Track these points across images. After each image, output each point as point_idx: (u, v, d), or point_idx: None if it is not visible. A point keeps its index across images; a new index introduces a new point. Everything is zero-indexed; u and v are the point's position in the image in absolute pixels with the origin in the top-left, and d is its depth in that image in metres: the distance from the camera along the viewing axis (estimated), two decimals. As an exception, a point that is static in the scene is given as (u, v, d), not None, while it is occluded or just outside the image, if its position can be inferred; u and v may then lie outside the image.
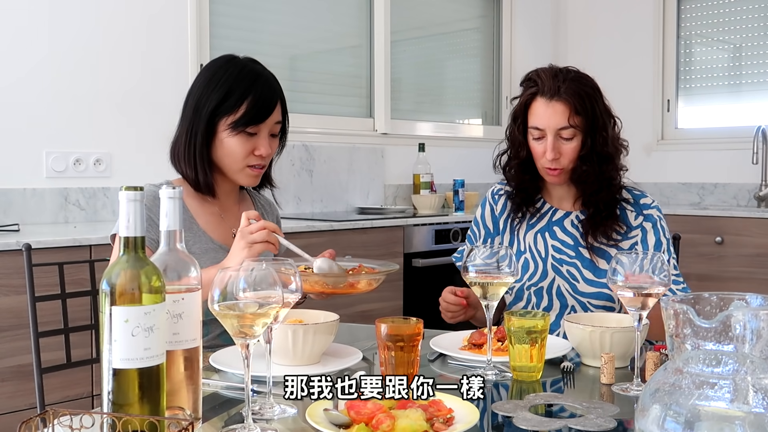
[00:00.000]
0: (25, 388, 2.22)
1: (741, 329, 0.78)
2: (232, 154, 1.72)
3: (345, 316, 1.63)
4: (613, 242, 1.87)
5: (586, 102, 1.83)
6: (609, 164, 1.87)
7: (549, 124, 1.83)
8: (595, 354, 1.48)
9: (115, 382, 0.97)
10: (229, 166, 1.74)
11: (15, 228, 2.53)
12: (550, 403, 1.22)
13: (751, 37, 4.33)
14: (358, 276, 1.56)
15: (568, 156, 1.85)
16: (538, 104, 1.85)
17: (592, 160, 1.85)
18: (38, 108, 2.82)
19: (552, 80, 1.83)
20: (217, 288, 1.06)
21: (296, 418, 1.16)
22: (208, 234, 1.76)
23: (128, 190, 1.00)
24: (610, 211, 1.88)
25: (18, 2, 2.77)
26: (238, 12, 3.47)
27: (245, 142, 1.71)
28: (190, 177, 1.75)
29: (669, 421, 0.79)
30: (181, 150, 1.74)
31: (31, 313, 1.78)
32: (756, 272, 3.54)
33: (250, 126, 1.70)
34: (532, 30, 4.80)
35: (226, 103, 1.70)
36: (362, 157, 3.91)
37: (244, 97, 1.69)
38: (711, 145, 4.38)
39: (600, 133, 1.85)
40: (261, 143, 1.72)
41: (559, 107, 1.82)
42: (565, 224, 1.93)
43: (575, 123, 1.82)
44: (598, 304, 1.86)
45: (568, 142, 1.84)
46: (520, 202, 1.96)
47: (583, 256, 1.89)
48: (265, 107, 1.71)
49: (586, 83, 1.86)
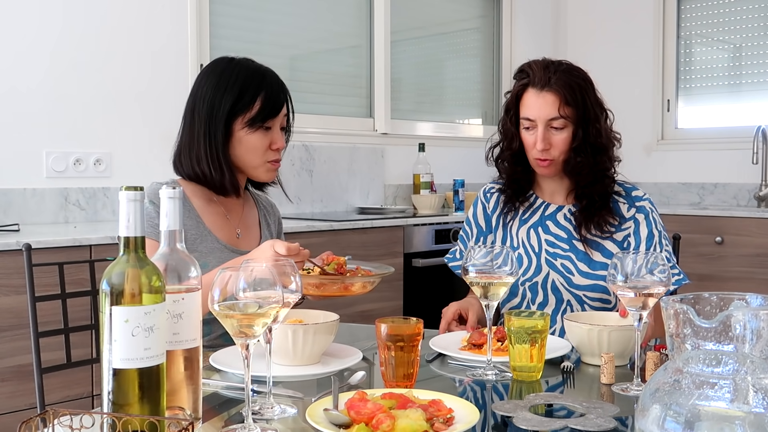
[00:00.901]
0: (25, 388, 2.22)
1: (741, 329, 0.78)
2: (254, 150, 1.77)
3: (345, 316, 1.63)
4: (607, 234, 1.88)
5: (577, 93, 1.84)
6: (603, 155, 1.88)
7: (539, 115, 1.84)
8: (593, 352, 1.48)
9: (115, 382, 0.97)
10: (250, 162, 1.78)
11: (15, 228, 2.53)
12: (550, 403, 1.22)
13: (751, 37, 4.33)
14: (352, 278, 1.57)
15: (559, 147, 1.85)
16: (529, 95, 1.87)
17: (586, 152, 1.86)
18: (38, 108, 2.82)
19: (543, 71, 1.85)
20: (217, 288, 1.06)
21: (296, 418, 1.16)
22: (213, 234, 1.77)
23: (128, 190, 1.00)
24: (604, 202, 1.89)
25: (18, 3, 2.77)
26: (238, 12, 3.47)
27: (263, 138, 1.77)
28: (215, 179, 1.77)
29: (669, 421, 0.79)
30: (201, 154, 1.75)
31: (31, 313, 1.78)
32: (756, 272, 3.54)
33: (267, 120, 1.76)
34: (532, 30, 4.80)
35: (241, 102, 1.74)
36: (362, 157, 3.91)
37: (257, 94, 1.75)
38: (711, 145, 4.38)
39: (593, 125, 1.86)
40: (276, 137, 1.79)
41: (549, 97, 1.84)
42: (558, 218, 1.94)
43: (565, 113, 1.83)
44: (594, 297, 1.86)
45: (558, 132, 1.85)
46: (512, 194, 1.97)
47: (578, 248, 1.89)
48: (278, 101, 1.77)
49: (578, 75, 1.88)
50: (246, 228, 1.86)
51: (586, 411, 1.16)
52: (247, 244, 1.82)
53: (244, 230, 1.85)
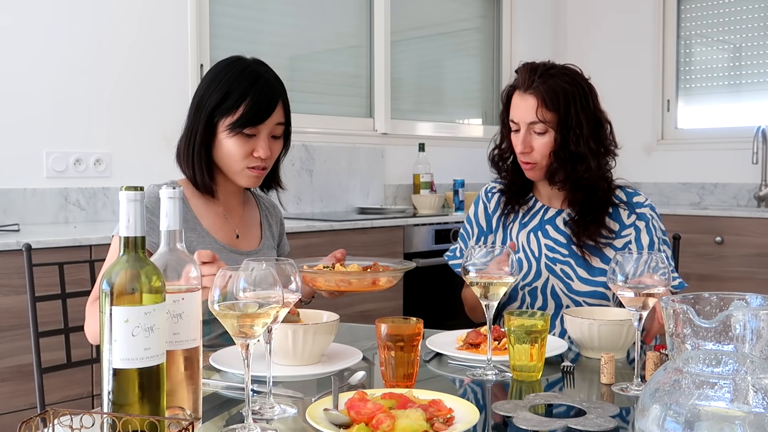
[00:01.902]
0: (25, 388, 2.22)
1: (741, 329, 0.78)
2: (231, 155, 1.71)
3: (345, 316, 1.63)
4: (606, 241, 1.87)
5: (560, 98, 1.81)
6: (581, 164, 1.83)
7: (522, 117, 1.84)
8: (592, 346, 1.52)
9: (115, 382, 0.97)
10: (229, 167, 1.73)
11: (15, 228, 2.53)
12: (550, 403, 1.22)
13: (751, 37, 4.33)
14: (378, 273, 1.58)
15: (540, 151, 1.84)
16: (515, 97, 1.87)
17: (564, 158, 1.83)
18: (38, 108, 2.82)
19: (528, 74, 1.84)
20: (217, 288, 1.06)
21: (296, 418, 1.16)
22: (211, 234, 1.76)
23: (128, 190, 1.00)
24: (596, 215, 1.86)
25: (18, 3, 2.77)
26: (238, 12, 3.47)
27: (243, 144, 1.69)
28: (190, 177, 1.75)
29: (669, 421, 0.79)
30: (182, 150, 1.74)
31: (31, 313, 1.78)
32: (756, 272, 3.54)
33: (247, 127, 1.68)
34: (532, 30, 4.80)
35: (225, 103, 1.68)
36: (362, 157, 3.91)
37: (242, 98, 1.67)
38: (711, 145, 4.38)
39: (573, 131, 1.82)
40: (260, 145, 1.70)
41: (530, 101, 1.83)
42: (557, 222, 1.93)
43: (544, 118, 1.81)
44: (594, 303, 1.85)
45: (540, 136, 1.84)
46: (512, 196, 1.96)
47: (577, 254, 1.88)
48: (263, 109, 1.68)
49: (566, 79, 1.83)
50: (246, 228, 1.85)
51: (586, 411, 1.16)
52: (246, 245, 1.82)
53: (244, 231, 1.84)
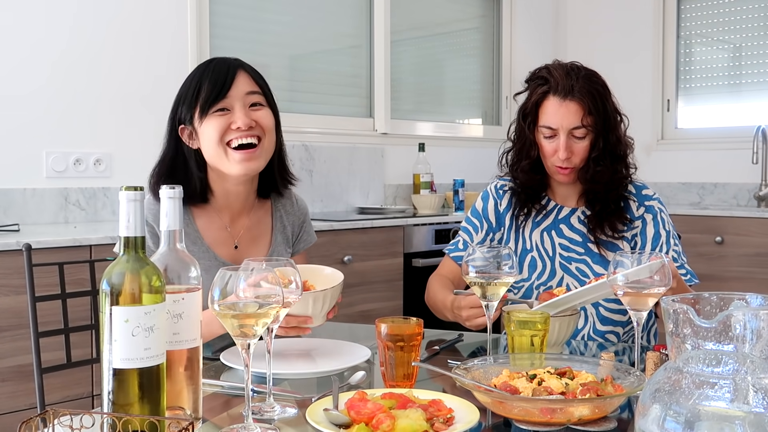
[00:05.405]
0: (25, 388, 2.22)
1: (741, 329, 0.78)
2: (210, 138, 1.65)
3: (345, 316, 1.63)
4: (620, 234, 1.87)
5: (599, 101, 1.82)
6: (621, 163, 1.87)
7: (562, 124, 1.81)
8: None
9: (116, 382, 0.97)
10: (213, 155, 1.67)
11: (15, 228, 2.53)
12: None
13: (751, 37, 4.33)
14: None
15: (580, 155, 1.83)
16: (551, 103, 1.83)
17: (606, 160, 1.84)
18: (38, 108, 2.82)
19: (565, 78, 1.81)
20: (217, 288, 1.06)
21: (296, 418, 1.16)
22: (212, 250, 1.72)
23: (128, 190, 1.00)
24: (616, 205, 1.88)
25: (18, 3, 2.77)
26: (238, 12, 3.47)
27: (218, 122, 1.64)
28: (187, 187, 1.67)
29: (669, 421, 0.79)
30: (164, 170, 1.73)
31: (31, 313, 1.78)
32: (756, 272, 3.54)
33: (213, 105, 1.64)
34: (532, 30, 4.80)
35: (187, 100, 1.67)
36: (362, 157, 3.91)
37: (200, 84, 1.66)
38: (711, 145, 4.38)
39: (613, 133, 1.84)
40: (236, 116, 1.64)
41: (573, 107, 1.80)
42: (572, 221, 1.92)
43: (588, 123, 1.81)
44: (609, 299, 1.84)
45: (580, 141, 1.82)
46: (526, 198, 1.94)
47: (593, 251, 1.87)
48: (220, 81, 1.65)
49: (597, 81, 1.85)
50: (250, 238, 1.78)
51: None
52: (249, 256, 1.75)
53: (248, 241, 1.77)
